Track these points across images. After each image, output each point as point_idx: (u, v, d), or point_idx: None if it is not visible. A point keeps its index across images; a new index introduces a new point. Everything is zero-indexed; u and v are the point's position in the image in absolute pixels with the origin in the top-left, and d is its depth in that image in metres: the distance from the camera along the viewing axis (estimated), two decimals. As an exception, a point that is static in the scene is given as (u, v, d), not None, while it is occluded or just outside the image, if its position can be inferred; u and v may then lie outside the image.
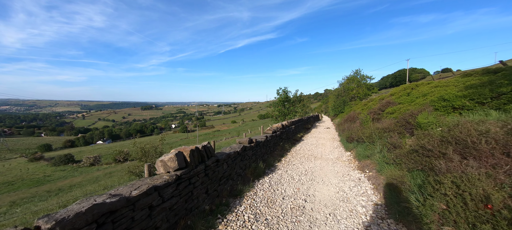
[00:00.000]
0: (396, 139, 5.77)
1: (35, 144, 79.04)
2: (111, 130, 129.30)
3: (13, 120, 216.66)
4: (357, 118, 12.91)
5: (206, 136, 73.84)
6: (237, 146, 5.65)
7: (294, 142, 12.02)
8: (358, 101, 30.56)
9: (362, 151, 7.19)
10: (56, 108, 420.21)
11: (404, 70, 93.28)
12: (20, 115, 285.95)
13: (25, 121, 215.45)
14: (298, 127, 14.90)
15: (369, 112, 10.94)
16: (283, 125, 10.80)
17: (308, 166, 7.05)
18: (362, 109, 15.67)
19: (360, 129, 8.89)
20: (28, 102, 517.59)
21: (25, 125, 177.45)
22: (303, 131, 16.50)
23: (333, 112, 32.48)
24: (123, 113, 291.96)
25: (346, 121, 14.57)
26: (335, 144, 11.32)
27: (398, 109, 8.86)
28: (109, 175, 24.33)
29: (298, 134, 14.34)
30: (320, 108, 70.37)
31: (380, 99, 15.21)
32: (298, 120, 15.76)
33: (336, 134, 15.31)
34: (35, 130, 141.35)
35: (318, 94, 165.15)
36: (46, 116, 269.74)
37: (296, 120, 15.03)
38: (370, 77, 32.19)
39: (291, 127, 12.48)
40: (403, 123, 6.68)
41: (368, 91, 31.12)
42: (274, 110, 20.44)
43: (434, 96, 7.68)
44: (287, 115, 19.04)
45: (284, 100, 19.94)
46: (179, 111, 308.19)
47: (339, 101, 32.19)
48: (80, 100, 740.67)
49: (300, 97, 23.06)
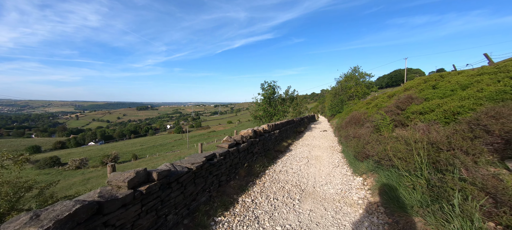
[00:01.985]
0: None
1: (24, 145, 76.30)
2: (104, 130, 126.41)
3: (4, 121, 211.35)
4: (365, 120, 9.62)
5: (200, 137, 72.33)
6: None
7: (277, 154, 8.62)
8: (357, 101, 28.30)
9: (406, 195, 3.48)
10: (50, 109, 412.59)
11: (400, 70, 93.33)
12: (11, 115, 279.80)
13: (17, 122, 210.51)
14: (286, 131, 12.01)
15: (386, 111, 7.99)
16: (257, 131, 7.62)
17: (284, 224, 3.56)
18: (367, 108, 12.85)
19: (380, 140, 5.60)
20: (20, 103, 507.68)
21: (16, 125, 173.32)
22: (293, 136, 13.43)
23: (330, 113, 30.36)
24: (118, 113, 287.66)
25: (349, 124, 11.19)
26: (336, 157, 7.95)
27: (434, 107, 5.88)
28: (86, 181, 22.91)
29: (285, 141, 11.07)
30: (317, 108, 69.54)
31: (389, 96, 12.43)
32: (287, 122, 12.60)
33: (336, 140, 11.98)
34: (25, 130, 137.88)
35: (315, 94, 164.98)
36: (39, 117, 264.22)
37: (283, 122, 11.87)
38: (369, 74, 29.89)
39: (274, 132, 9.37)
40: (481, 134, 3.47)
41: (367, 90, 29.19)
42: (258, 109, 15.85)
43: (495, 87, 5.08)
44: (274, 115, 15.09)
45: (271, 97, 15.72)
46: (175, 112, 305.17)
47: (336, 101, 30.01)
48: (74, 101, 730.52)
49: (292, 95, 19.77)
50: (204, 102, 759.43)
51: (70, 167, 33.19)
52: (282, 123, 11.35)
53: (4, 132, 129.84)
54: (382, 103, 11.03)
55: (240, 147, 5.66)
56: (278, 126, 10.34)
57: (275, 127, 9.88)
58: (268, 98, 15.54)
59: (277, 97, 15.77)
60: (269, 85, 15.64)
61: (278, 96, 15.99)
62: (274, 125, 9.71)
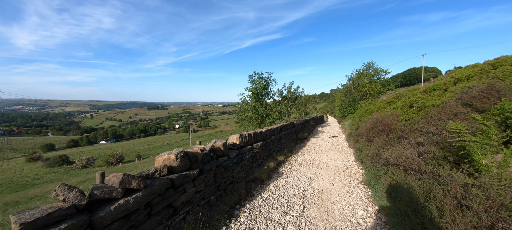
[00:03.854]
0: None
1: (40, 143, 79.54)
2: (115, 129, 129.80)
3: (24, 119, 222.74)
4: (406, 129, 5.95)
5: (207, 137, 72.24)
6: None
7: (250, 190, 5.01)
8: (371, 100, 25.91)
9: None
10: (66, 108, 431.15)
11: (414, 69, 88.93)
12: (31, 114, 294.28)
13: (36, 120, 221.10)
14: (278, 141, 8.54)
15: (445, 114, 5.11)
16: (205, 151, 3.98)
17: None
18: (394, 108, 9.36)
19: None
20: (40, 102, 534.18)
21: (35, 124, 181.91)
22: (290, 146, 9.85)
23: (341, 113, 27.86)
24: (130, 113, 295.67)
25: (373, 132, 7.50)
26: (356, 195, 4.59)
27: None
28: (82, 182, 22.71)
29: (274, 156, 7.63)
30: (326, 108, 67.53)
31: (425, 91, 8.60)
32: (281, 127, 9.25)
33: (351, 153, 8.51)
34: (42, 129, 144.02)
35: (324, 94, 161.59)
36: (56, 116, 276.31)
37: (275, 127, 8.34)
38: (385, 71, 27.26)
39: (252, 147, 5.99)
40: None
41: (383, 88, 26.75)
42: (247, 109, 11.54)
43: None
44: (267, 117, 11.07)
45: (263, 92, 11.27)
46: (184, 112, 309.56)
47: (348, 100, 27.21)
48: (89, 100, 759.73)
49: (295, 93, 16.51)
50: (213, 102, 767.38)
51: (77, 166, 33.62)
52: (272, 129, 7.93)
53: (23, 130, 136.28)
54: (427, 101, 6.93)
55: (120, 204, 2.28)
56: (263, 134, 6.86)
57: (256, 137, 6.32)
58: (259, 94, 11.15)
59: (272, 94, 11.75)
60: (260, 77, 11.16)
61: (274, 92, 11.87)
62: (254, 134, 6.24)
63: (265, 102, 11.37)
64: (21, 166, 38.97)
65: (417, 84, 69.12)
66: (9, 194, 20.98)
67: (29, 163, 41.40)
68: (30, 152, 54.87)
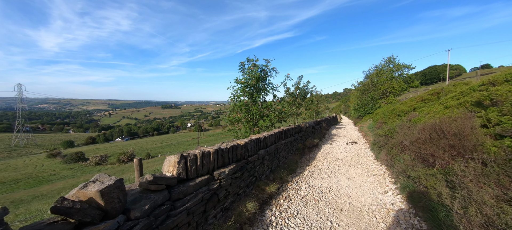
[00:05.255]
0: None
1: (61, 139, 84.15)
2: (131, 127, 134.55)
3: (49, 117, 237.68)
4: None
5: (217, 136, 72.51)
6: None
7: None
8: (392, 98, 23.85)
9: None
10: (87, 107, 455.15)
11: (435, 66, 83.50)
12: (56, 112, 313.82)
13: (60, 118, 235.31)
14: (271, 156, 5.56)
15: None
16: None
17: None
18: (446, 107, 6.67)
19: None
20: (63, 101, 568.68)
21: (59, 121, 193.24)
22: (293, 160, 6.87)
23: (357, 113, 25.27)
24: (145, 112, 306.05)
25: (431, 145, 4.34)
26: None
27: None
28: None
29: (255, 194, 4.22)
30: (339, 108, 65.11)
31: (491, 83, 5.51)
32: (277, 135, 6.17)
33: (383, 171, 5.79)
34: (64, 126, 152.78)
35: (337, 94, 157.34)
36: (78, 114, 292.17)
37: (267, 136, 5.30)
38: (409, 66, 24.36)
39: (214, 177, 3.22)
40: None
41: (405, 85, 24.33)
42: (234, 108, 8.39)
43: None
44: (262, 118, 8.08)
45: (255, 85, 8.03)
46: (196, 110, 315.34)
47: (365, 99, 24.55)
48: (108, 99, 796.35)
49: (304, 89, 14.08)
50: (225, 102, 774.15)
51: (91, 163, 34.61)
52: (259, 139, 4.83)
53: (47, 127, 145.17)
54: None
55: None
56: (239, 150, 3.92)
57: (222, 157, 3.46)
58: (253, 87, 7.93)
59: (272, 88, 8.50)
60: (254, 64, 8.05)
61: (274, 86, 8.57)
62: (218, 153, 3.33)
63: (260, 99, 8.30)
64: (42, 161, 40.98)
65: (439, 83, 64.68)
66: (24, 189, 21.77)
67: (49, 158, 43.40)
68: (51, 148, 57.96)
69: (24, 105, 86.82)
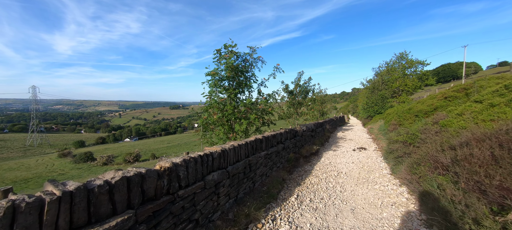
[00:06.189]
0: None
1: (73, 140, 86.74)
2: (139, 128, 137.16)
3: (63, 118, 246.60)
4: None
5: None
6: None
7: None
8: (405, 97, 22.28)
9: None
10: (99, 108, 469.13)
11: (449, 64, 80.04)
12: (69, 113, 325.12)
13: (73, 119, 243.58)
14: (236, 181, 3.63)
15: None
16: None
17: None
18: (492, 105, 5.23)
19: None
20: (76, 102, 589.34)
21: (72, 122, 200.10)
22: (275, 181, 4.80)
23: (366, 114, 23.69)
24: (154, 112, 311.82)
25: (491, 166, 2.80)
26: None
27: None
28: None
29: None
30: (347, 108, 63.54)
31: None
32: (252, 145, 4.24)
33: (403, 196, 4.01)
34: (77, 126, 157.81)
35: (345, 93, 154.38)
36: (90, 114, 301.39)
37: (238, 144, 3.78)
38: (423, 62, 22.53)
39: None
40: None
41: (420, 82, 22.61)
42: (204, 109, 6.77)
43: None
44: (240, 121, 6.32)
45: (233, 77, 6.38)
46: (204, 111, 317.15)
47: (375, 98, 22.95)
48: (119, 100, 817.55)
49: (306, 87, 12.64)
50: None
51: (98, 163, 35.17)
52: (214, 153, 3.07)
53: (60, 128, 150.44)
54: None
55: None
56: (163, 181, 2.16)
57: None
58: (231, 80, 6.48)
59: (253, 82, 6.85)
60: (232, 51, 6.35)
61: (261, 81, 7.07)
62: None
63: (242, 97, 6.73)
64: (53, 161, 42.13)
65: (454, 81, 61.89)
66: (32, 189, 22.26)
67: (60, 158, 44.58)
68: (62, 148, 59.73)
69: (38, 106, 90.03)
